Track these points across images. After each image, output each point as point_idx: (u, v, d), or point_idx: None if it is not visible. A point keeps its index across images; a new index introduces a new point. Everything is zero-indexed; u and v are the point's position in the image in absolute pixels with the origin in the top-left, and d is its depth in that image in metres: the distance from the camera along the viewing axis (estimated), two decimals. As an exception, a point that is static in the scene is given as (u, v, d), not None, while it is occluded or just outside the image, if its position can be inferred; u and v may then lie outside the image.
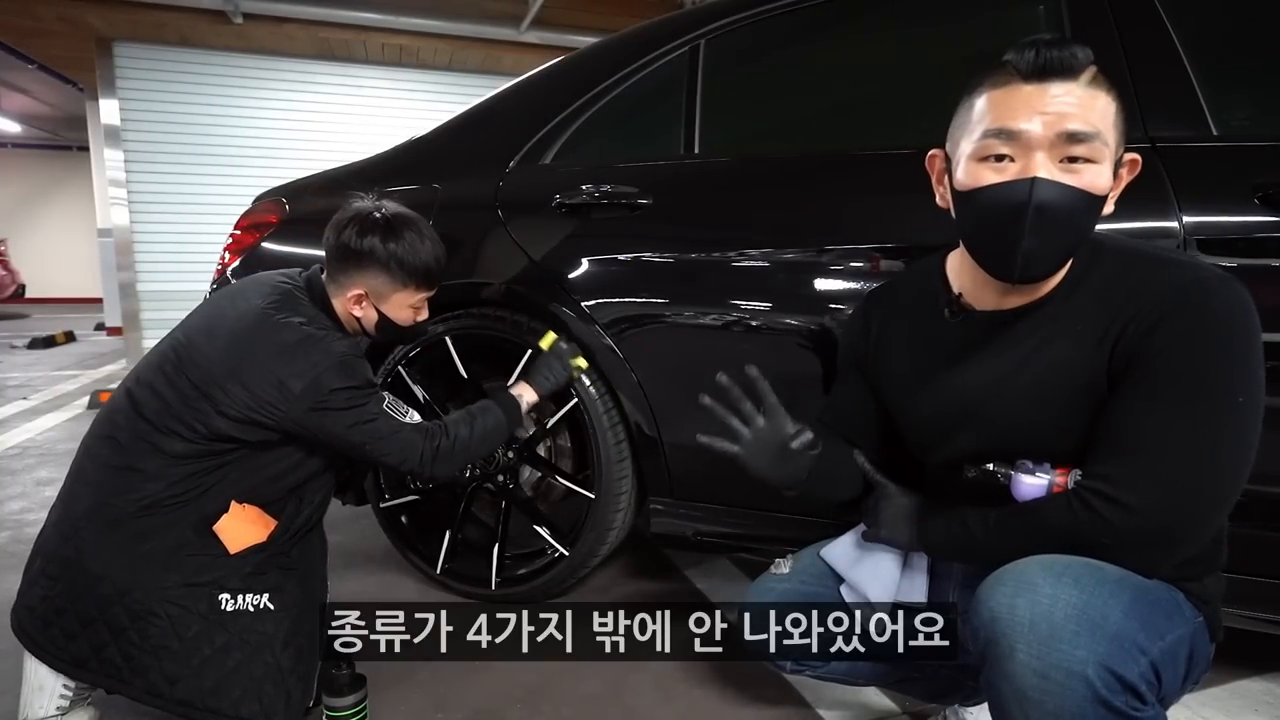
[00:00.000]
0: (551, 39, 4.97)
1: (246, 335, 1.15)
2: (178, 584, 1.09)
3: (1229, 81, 1.21)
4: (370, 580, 1.83)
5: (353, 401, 1.18)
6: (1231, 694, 1.36)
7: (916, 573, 1.00)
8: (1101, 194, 0.76)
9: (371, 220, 1.24)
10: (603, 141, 1.64)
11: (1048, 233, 0.76)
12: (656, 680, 1.38)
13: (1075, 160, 0.75)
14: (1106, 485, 0.76)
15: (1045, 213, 0.75)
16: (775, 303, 1.37)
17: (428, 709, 1.30)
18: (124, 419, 1.14)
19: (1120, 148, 0.78)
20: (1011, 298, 0.86)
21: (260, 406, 1.12)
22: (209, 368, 1.13)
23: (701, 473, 1.50)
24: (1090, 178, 0.75)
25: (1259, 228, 1.07)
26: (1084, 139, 0.74)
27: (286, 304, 1.21)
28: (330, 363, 1.15)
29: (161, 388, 1.14)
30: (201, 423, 1.12)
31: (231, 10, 4.48)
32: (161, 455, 1.11)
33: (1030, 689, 0.70)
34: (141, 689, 1.08)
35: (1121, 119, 0.77)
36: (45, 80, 7.17)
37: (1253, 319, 0.74)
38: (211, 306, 1.24)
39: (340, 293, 1.27)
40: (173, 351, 1.17)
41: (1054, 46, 0.74)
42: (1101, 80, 0.76)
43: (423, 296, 1.33)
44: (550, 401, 1.66)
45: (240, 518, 1.16)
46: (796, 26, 1.51)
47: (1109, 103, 0.76)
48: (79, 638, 1.08)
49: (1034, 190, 0.74)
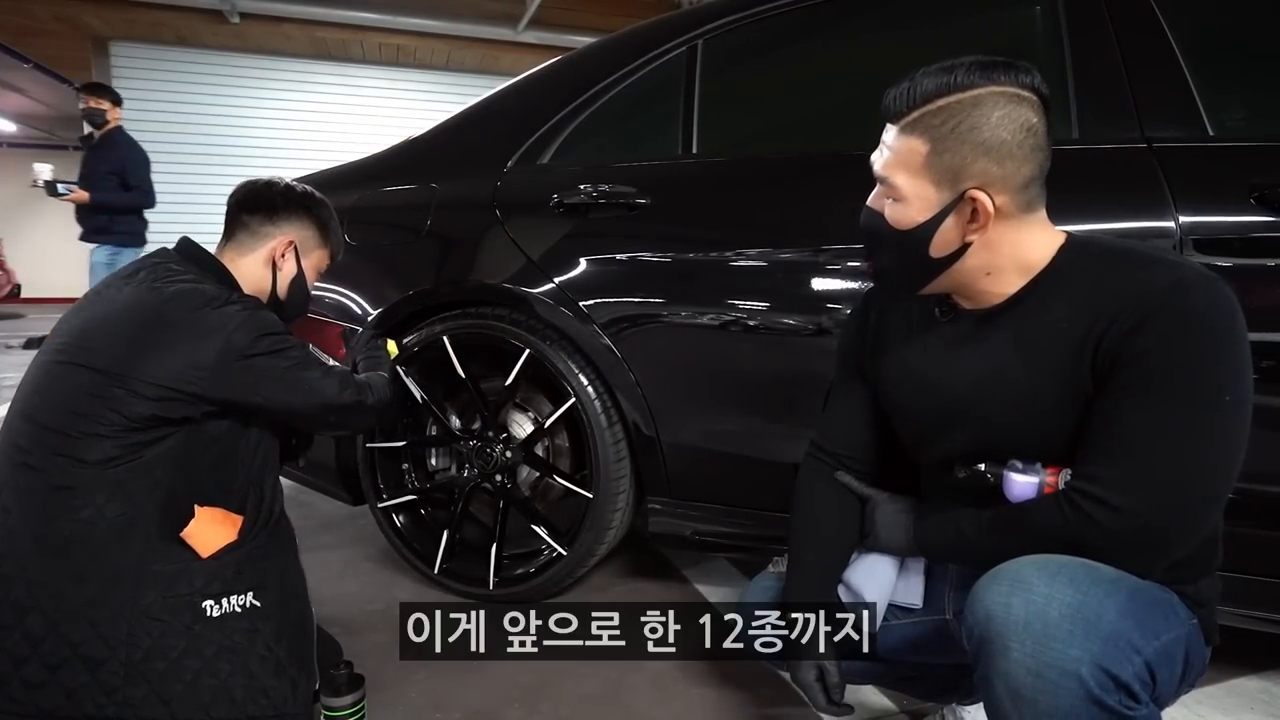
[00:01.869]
0: (549, 39, 4.98)
1: (148, 308, 1.08)
2: (154, 601, 1.02)
3: (1225, 82, 1.21)
4: (368, 580, 1.83)
5: (277, 345, 1.13)
6: (1228, 692, 1.37)
7: (913, 574, 1.00)
8: (905, 228, 0.82)
9: (299, 188, 1.31)
10: (601, 141, 1.64)
11: (875, 251, 0.89)
12: (654, 680, 1.38)
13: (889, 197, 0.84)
14: (1095, 486, 0.76)
15: (866, 234, 0.89)
16: (773, 302, 1.38)
17: (425, 709, 1.30)
18: (28, 440, 1.05)
19: (955, 185, 0.79)
20: (984, 300, 0.87)
21: (183, 374, 1.05)
22: (115, 351, 1.05)
23: (699, 472, 1.51)
24: (891, 212, 0.84)
25: (1255, 228, 1.08)
26: (882, 181, 0.84)
27: (172, 273, 1.14)
28: (243, 315, 1.11)
29: (58, 394, 1.05)
30: (117, 411, 1.03)
31: (228, 10, 4.48)
32: (85, 465, 1.02)
33: (1024, 687, 0.70)
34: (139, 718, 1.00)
35: (953, 158, 0.78)
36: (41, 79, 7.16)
37: (1236, 318, 0.75)
38: (87, 304, 1.16)
39: (260, 244, 1.25)
40: (57, 360, 1.09)
41: (893, 94, 0.81)
42: (921, 124, 0.79)
43: (326, 266, 1.38)
44: (548, 401, 1.67)
45: (206, 520, 1.09)
46: (794, 26, 1.51)
47: (920, 146, 0.79)
48: (46, 685, 0.98)
49: (862, 215, 0.89)
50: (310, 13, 4.59)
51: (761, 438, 1.43)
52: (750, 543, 1.50)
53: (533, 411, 1.70)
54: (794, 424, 1.33)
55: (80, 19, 4.59)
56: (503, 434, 1.65)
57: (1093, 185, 1.18)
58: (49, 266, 11.86)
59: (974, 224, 0.80)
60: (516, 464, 1.66)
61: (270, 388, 1.13)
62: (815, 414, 1.12)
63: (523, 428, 1.68)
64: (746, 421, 1.45)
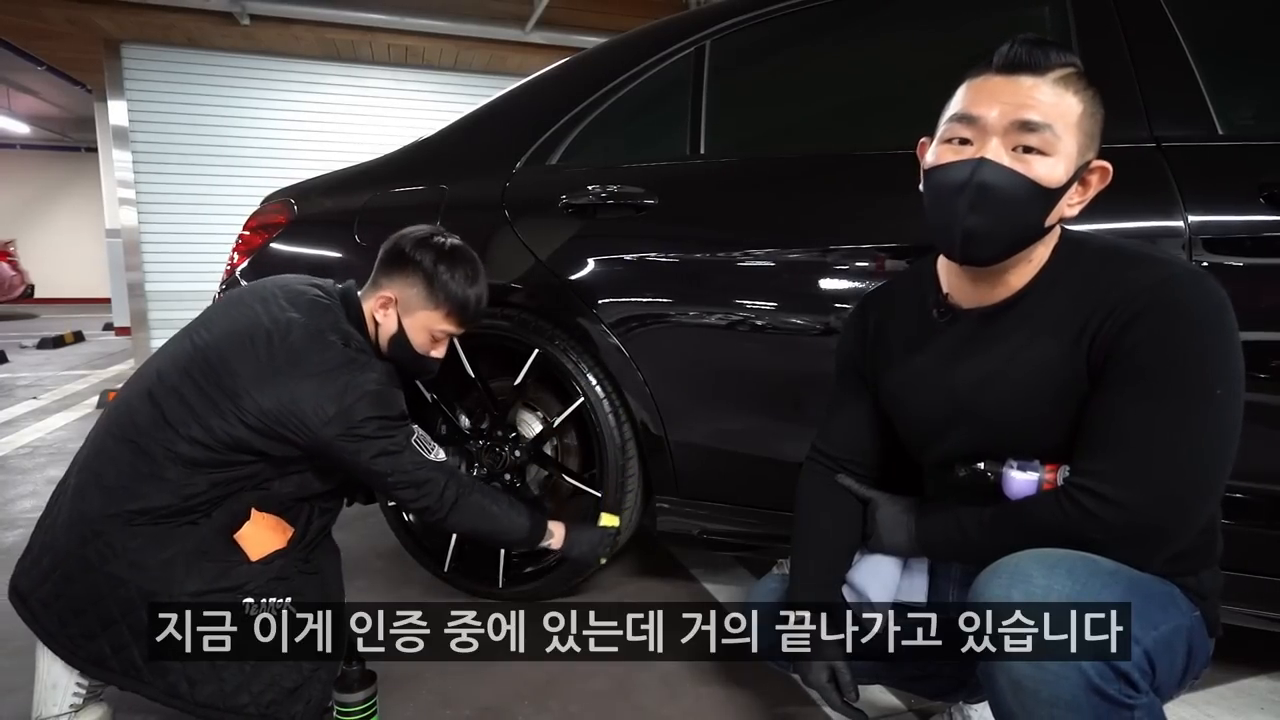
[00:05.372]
0: (557, 39, 4.98)
1: (287, 349, 1.14)
2: (200, 589, 1.10)
3: (1234, 81, 1.21)
4: (378, 579, 1.84)
5: (382, 431, 1.17)
6: (1236, 692, 1.37)
7: (916, 573, 1.00)
8: (1050, 186, 0.77)
9: (434, 241, 1.28)
10: (609, 142, 1.64)
11: (987, 213, 0.79)
12: (663, 678, 1.39)
13: (1029, 150, 0.77)
14: (1092, 482, 0.77)
15: (986, 192, 0.78)
16: (781, 302, 1.38)
17: (436, 705, 1.31)
18: (146, 422, 1.13)
19: (1087, 151, 0.79)
20: (988, 292, 0.87)
21: (288, 421, 1.12)
22: (244, 375, 1.12)
23: (707, 471, 1.51)
24: (1039, 168, 0.77)
25: (1265, 227, 1.07)
26: (1035, 128, 0.76)
27: (327, 321, 1.20)
28: (367, 389, 1.15)
29: (188, 391, 1.13)
30: (224, 430, 1.11)
31: (239, 11, 4.50)
32: (182, 464, 1.11)
33: (1026, 678, 0.72)
34: (161, 690, 1.09)
35: (1092, 124, 0.78)
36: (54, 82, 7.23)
37: (1226, 313, 0.75)
38: (241, 311, 1.21)
39: (372, 294, 1.28)
40: (201, 356, 1.16)
41: (1030, 45, 0.78)
42: (1074, 82, 0.77)
43: (446, 328, 1.30)
44: (557, 400, 1.68)
45: (261, 525, 1.17)
46: (802, 27, 1.51)
47: (1076, 104, 0.77)
48: (99, 638, 1.09)
49: (978, 169, 0.78)
50: (320, 14, 4.61)
51: (769, 437, 1.44)
52: (758, 541, 1.50)
53: (541, 411, 1.71)
54: (801, 423, 1.33)
55: (92, 21, 4.62)
56: (512, 433, 1.66)
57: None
58: (62, 267, 11.98)
59: (1078, 197, 0.81)
60: (525, 463, 1.67)
61: (358, 463, 1.18)
62: (822, 413, 1.12)
63: (531, 427, 1.69)
64: (754, 420, 1.45)
